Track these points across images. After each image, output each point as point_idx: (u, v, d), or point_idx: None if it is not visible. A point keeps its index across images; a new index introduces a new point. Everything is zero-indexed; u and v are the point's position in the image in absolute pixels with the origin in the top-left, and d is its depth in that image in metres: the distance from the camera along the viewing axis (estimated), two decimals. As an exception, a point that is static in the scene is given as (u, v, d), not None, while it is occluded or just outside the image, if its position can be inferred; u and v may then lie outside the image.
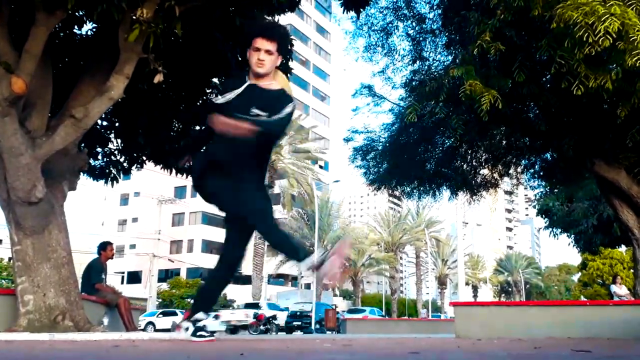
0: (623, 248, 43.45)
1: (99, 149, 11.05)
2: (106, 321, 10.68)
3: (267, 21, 6.79)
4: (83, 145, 9.55)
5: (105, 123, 10.87)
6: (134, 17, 6.77)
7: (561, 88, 10.03)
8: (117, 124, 10.90)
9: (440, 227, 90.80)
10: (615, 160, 12.65)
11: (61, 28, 8.96)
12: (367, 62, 16.76)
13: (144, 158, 11.30)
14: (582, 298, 66.40)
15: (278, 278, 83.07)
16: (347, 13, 9.90)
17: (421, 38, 15.17)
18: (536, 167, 16.76)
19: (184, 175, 11.41)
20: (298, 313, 42.42)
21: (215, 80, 10.68)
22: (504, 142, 15.14)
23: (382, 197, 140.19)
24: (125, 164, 11.36)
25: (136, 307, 13.73)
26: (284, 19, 9.09)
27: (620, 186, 12.74)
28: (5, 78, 6.94)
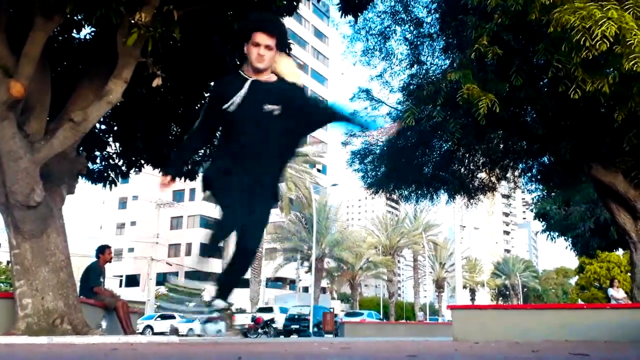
0: (620, 251, 43.54)
1: (98, 153, 11.07)
2: (104, 324, 10.67)
3: (265, 15, 6.75)
4: (81, 149, 9.55)
5: (103, 127, 10.89)
6: (133, 21, 6.78)
7: (558, 92, 10.06)
8: (116, 128, 10.92)
9: (437, 231, 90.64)
10: (612, 164, 12.66)
11: (59, 32, 8.96)
12: (365, 66, 16.85)
13: (143, 162, 11.31)
14: (580, 301, 66.38)
15: (276, 281, 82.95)
16: (345, 17, 9.92)
17: (419, 42, 15.21)
18: (533, 171, 16.80)
19: (182, 179, 11.43)
20: (296, 316, 42.35)
21: (213, 84, 10.69)
22: (502, 146, 15.17)
23: (380, 201, 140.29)
24: (123, 168, 11.37)
25: (134, 311, 13.70)
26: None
27: (617, 190, 12.76)
28: (3, 82, 6.95)
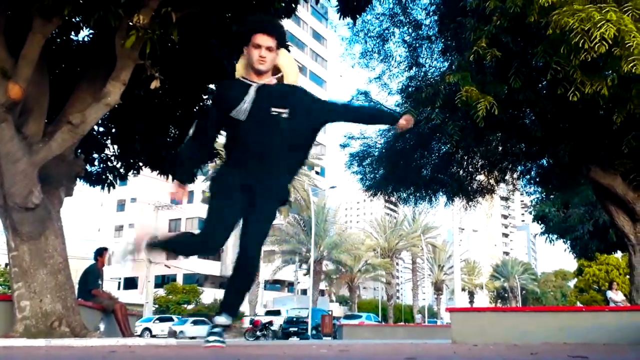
0: (619, 254, 43.49)
1: (96, 155, 11.06)
2: (102, 327, 10.67)
3: (264, 17, 6.75)
4: (80, 151, 9.55)
5: (101, 129, 10.88)
6: (131, 24, 6.78)
7: (557, 94, 10.06)
8: (114, 130, 10.91)
9: (436, 233, 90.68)
10: (611, 166, 12.66)
11: (58, 34, 8.96)
12: (364, 69, 16.80)
13: (141, 164, 11.31)
14: (578, 304, 66.41)
15: (275, 284, 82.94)
16: (344, 19, 9.92)
17: (417, 44, 15.20)
18: (532, 173, 16.79)
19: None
20: (294, 319, 42.32)
21: (211, 86, 10.69)
22: (500, 148, 15.17)
23: (379, 203, 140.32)
24: (121, 170, 11.37)
25: (132, 313, 13.70)
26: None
27: (616, 192, 12.75)
28: (1, 84, 6.95)
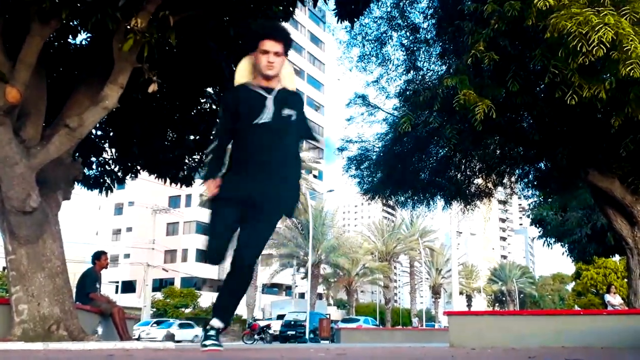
0: (617, 257, 43.56)
1: (94, 159, 11.06)
2: (100, 331, 10.65)
3: (271, 22, 6.74)
4: (77, 154, 9.53)
5: (99, 132, 10.87)
6: (129, 27, 6.77)
7: (555, 98, 10.06)
8: (112, 134, 10.90)
9: (434, 237, 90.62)
10: (609, 169, 12.66)
11: (55, 38, 8.95)
12: (361, 72, 16.83)
13: (138, 167, 11.30)
14: (576, 307, 66.45)
15: (272, 287, 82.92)
16: (341, 23, 9.94)
17: (415, 48, 15.22)
18: (530, 177, 16.81)
19: (178, 184, 11.43)
20: (292, 322, 42.23)
21: (209, 89, 10.69)
22: (498, 152, 15.17)
23: (376, 207, 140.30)
24: (119, 174, 11.36)
25: (130, 317, 13.66)
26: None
27: (614, 195, 12.75)
28: (-1, 87, 6.94)
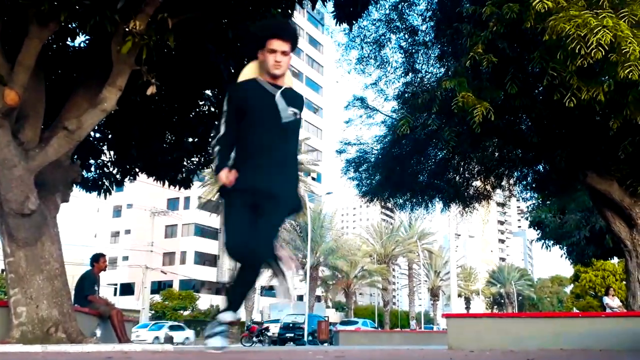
0: (615, 260, 43.61)
1: (92, 161, 11.04)
2: (99, 333, 10.65)
3: (278, 21, 6.75)
4: (76, 157, 9.52)
5: (98, 135, 10.86)
6: (127, 29, 6.76)
7: (553, 100, 10.06)
8: (110, 136, 10.89)
9: (432, 239, 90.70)
10: (607, 172, 12.67)
11: (54, 40, 8.94)
12: (360, 74, 16.87)
13: (137, 170, 11.29)
14: (575, 310, 66.46)
15: (271, 289, 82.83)
16: (340, 25, 9.93)
17: (414, 50, 15.22)
18: (528, 179, 16.82)
19: (177, 187, 11.42)
20: (291, 325, 42.23)
21: (208, 92, 10.68)
22: (497, 154, 15.19)
23: (375, 209, 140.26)
24: (118, 176, 11.34)
25: (129, 319, 13.66)
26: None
27: (612, 198, 12.75)
28: (-2, 90, 6.93)
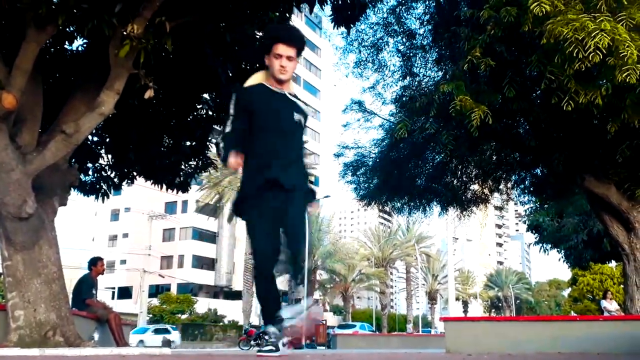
0: (613, 263, 43.51)
1: (90, 165, 11.04)
2: (97, 337, 10.63)
3: (285, 26, 6.71)
4: (74, 160, 9.53)
5: (95, 138, 10.86)
6: (125, 33, 6.76)
7: (551, 104, 10.06)
8: (108, 140, 10.89)
9: (430, 243, 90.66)
10: (605, 175, 12.67)
11: (52, 44, 8.94)
12: (358, 78, 16.82)
13: (135, 173, 11.30)
14: (573, 313, 66.42)
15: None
16: (338, 29, 9.92)
17: (411, 54, 15.22)
18: (526, 183, 16.82)
19: (175, 190, 11.42)
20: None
21: (205, 95, 10.68)
22: (494, 158, 15.19)
23: (373, 213, 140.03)
24: (115, 180, 11.34)
25: (127, 323, 13.64)
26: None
27: (610, 202, 12.76)
28: (-5, 93, 6.93)
